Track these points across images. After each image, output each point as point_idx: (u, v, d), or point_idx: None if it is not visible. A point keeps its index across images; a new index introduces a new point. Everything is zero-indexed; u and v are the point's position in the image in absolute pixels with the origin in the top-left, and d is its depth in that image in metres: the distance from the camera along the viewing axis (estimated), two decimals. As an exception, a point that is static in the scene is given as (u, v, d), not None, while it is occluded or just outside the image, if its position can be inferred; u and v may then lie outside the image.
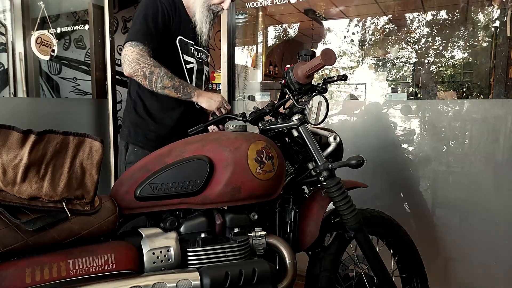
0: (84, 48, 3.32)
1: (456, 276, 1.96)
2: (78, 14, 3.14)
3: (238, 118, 1.42)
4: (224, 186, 1.08)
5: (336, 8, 3.91)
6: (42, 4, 2.65)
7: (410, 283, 1.53)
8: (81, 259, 0.91)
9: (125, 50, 1.43)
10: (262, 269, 1.06)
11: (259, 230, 1.17)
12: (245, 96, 2.90)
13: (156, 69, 1.41)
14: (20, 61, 2.76)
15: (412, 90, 3.84)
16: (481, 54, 3.13)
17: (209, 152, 1.10)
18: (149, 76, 1.41)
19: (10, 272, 0.83)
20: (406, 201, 2.10)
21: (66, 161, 0.92)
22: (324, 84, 1.32)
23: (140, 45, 1.42)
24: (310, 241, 1.28)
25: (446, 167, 1.97)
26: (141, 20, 1.46)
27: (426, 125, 2.03)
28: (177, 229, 1.09)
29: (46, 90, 3.09)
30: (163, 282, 0.93)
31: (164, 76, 1.42)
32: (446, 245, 1.98)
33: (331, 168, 1.23)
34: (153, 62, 1.42)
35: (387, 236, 1.49)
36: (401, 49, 3.84)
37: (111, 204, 1.02)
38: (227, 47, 2.44)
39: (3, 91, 2.79)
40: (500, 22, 2.47)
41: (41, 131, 0.89)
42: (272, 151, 1.16)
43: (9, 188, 0.86)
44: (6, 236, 0.84)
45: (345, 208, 1.25)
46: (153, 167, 1.09)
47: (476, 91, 3.29)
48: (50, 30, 2.65)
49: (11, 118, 2.18)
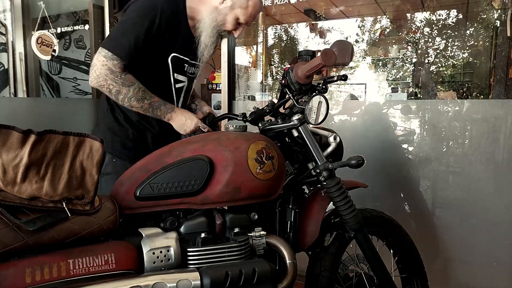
0: (84, 48, 3.31)
1: (456, 276, 1.96)
2: (78, 14, 3.13)
3: (238, 118, 1.42)
4: (224, 186, 1.08)
5: (336, 8, 3.91)
6: (42, 4, 2.65)
7: (410, 283, 1.53)
8: (81, 259, 0.91)
9: (97, 58, 1.28)
10: (262, 269, 1.06)
11: (259, 230, 1.17)
12: (245, 96, 2.90)
13: (124, 89, 1.29)
14: (20, 61, 2.76)
15: (412, 90, 3.83)
16: (481, 54, 3.13)
17: (209, 152, 1.10)
18: (116, 94, 1.31)
19: (10, 272, 0.83)
20: (406, 201, 2.10)
21: (66, 161, 0.92)
22: (324, 84, 1.32)
23: (115, 60, 1.27)
24: (310, 241, 1.28)
25: (446, 167, 1.97)
26: (129, 29, 1.29)
27: (426, 125, 2.03)
28: (177, 229, 1.09)
29: (46, 90, 3.09)
30: (163, 282, 0.93)
31: (132, 97, 1.30)
32: (446, 245, 1.98)
33: (331, 168, 1.23)
34: (123, 81, 1.29)
35: (387, 236, 1.49)
36: (401, 49, 3.84)
37: (111, 204, 1.02)
38: (227, 47, 2.44)
39: (3, 91, 2.79)
40: (500, 22, 2.47)
41: (41, 131, 0.89)
42: (272, 151, 1.16)
43: (9, 188, 0.86)
44: (6, 236, 0.84)
45: (345, 208, 1.25)
46: (153, 167, 1.09)
47: (476, 91, 3.29)
48: (50, 30, 2.65)
49: (11, 118, 2.18)
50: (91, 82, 1.31)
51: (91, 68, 1.31)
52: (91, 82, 1.31)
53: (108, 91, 1.31)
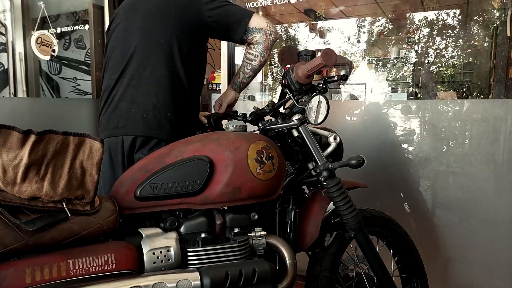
0: (84, 48, 3.32)
1: (456, 276, 1.97)
2: (78, 14, 3.14)
3: (238, 118, 1.42)
4: (224, 186, 1.08)
5: (336, 8, 3.91)
6: (42, 4, 2.65)
7: (410, 283, 1.53)
8: (81, 259, 0.91)
9: (260, 19, 1.42)
10: (262, 269, 1.06)
11: (259, 230, 1.17)
12: (245, 96, 2.90)
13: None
14: (20, 61, 2.76)
15: (412, 90, 3.84)
16: (481, 54, 3.13)
17: (209, 152, 1.10)
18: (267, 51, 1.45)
19: (10, 272, 0.83)
20: (406, 201, 2.10)
21: (66, 161, 0.92)
22: (324, 84, 1.32)
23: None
24: (310, 241, 1.28)
25: (446, 167, 1.97)
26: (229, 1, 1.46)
27: (426, 125, 2.03)
28: (177, 229, 1.09)
29: (46, 90, 3.10)
30: (163, 282, 0.93)
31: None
32: (446, 245, 1.98)
33: (331, 168, 1.23)
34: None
35: (387, 236, 1.49)
36: (401, 49, 3.84)
37: (111, 204, 1.02)
38: (227, 47, 2.44)
39: (3, 91, 2.79)
40: (500, 22, 2.47)
41: (41, 131, 0.89)
42: (272, 151, 1.16)
43: (9, 188, 0.86)
44: (6, 236, 0.84)
45: (345, 208, 1.25)
46: (153, 167, 1.09)
47: (476, 91, 3.30)
48: (50, 30, 2.66)
49: (11, 118, 2.18)
50: (273, 34, 1.42)
51: (256, 33, 1.42)
52: (273, 34, 1.42)
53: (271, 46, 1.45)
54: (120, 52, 1.41)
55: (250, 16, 1.41)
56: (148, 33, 1.37)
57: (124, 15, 1.45)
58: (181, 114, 1.39)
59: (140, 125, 1.34)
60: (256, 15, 1.42)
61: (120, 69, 1.39)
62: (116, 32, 1.45)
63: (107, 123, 1.40)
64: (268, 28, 1.41)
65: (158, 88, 1.35)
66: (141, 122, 1.34)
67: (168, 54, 1.36)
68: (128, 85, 1.37)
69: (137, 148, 1.35)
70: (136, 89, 1.36)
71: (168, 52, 1.36)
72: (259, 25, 1.41)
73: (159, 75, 1.35)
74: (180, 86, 1.39)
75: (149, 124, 1.34)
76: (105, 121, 1.41)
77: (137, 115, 1.34)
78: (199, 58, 1.47)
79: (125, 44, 1.40)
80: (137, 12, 1.42)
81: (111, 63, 1.44)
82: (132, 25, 1.41)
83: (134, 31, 1.40)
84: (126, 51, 1.39)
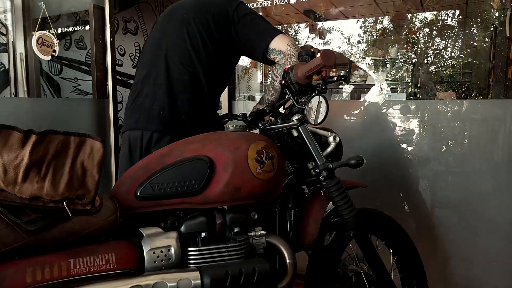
0: (85, 48, 3.32)
1: (456, 276, 1.97)
2: (79, 14, 3.14)
3: (238, 118, 1.42)
4: (225, 186, 1.09)
5: (335, 9, 3.91)
6: (43, 5, 2.66)
7: (409, 282, 1.53)
8: (82, 258, 0.91)
9: (284, 41, 1.40)
10: (262, 268, 1.06)
11: (259, 229, 1.18)
12: (245, 97, 2.91)
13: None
14: (21, 62, 2.77)
15: (411, 90, 3.84)
16: (480, 54, 3.14)
17: (209, 152, 1.11)
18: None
19: (11, 271, 0.84)
20: (406, 200, 2.10)
21: (67, 161, 0.93)
22: (324, 84, 1.32)
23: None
24: (310, 240, 1.28)
25: (446, 167, 1.97)
26: (263, 18, 1.47)
27: (425, 125, 2.03)
28: (178, 229, 1.10)
29: (47, 90, 3.10)
30: (163, 282, 0.94)
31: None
32: (446, 244, 1.98)
33: (331, 168, 1.24)
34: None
35: (387, 235, 1.49)
36: (400, 50, 3.85)
37: (112, 204, 1.02)
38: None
39: (4, 91, 2.80)
40: (499, 22, 2.47)
41: (42, 131, 0.90)
42: (272, 151, 1.17)
43: (10, 188, 0.86)
44: (7, 235, 0.84)
45: (344, 208, 1.25)
46: (154, 167, 1.09)
47: (475, 91, 3.30)
48: (51, 30, 2.66)
49: (12, 118, 2.19)
50: (291, 58, 1.38)
51: (276, 54, 1.41)
52: (291, 58, 1.38)
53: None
54: (152, 53, 1.50)
55: (273, 36, 1.40)
56: (178, 39, 1.45)
57: (163, 19, 1.56)
58: (197, 117, 1.46)
59: (157, 122, 1.41)
60: (280, 36, 1.40)
61: (149, 68, 1.48)
62: (153, 33, 1.57)
63: (130, 115, 1.49)
64: (288, 52, 1.38)
65: (178, 90, 1.43)
66: (158, 120, 1.41)
67: (193, 61, 1.43)
68: (154, 83, 1.45)
69: (153, 144, 1.42)
70: (160, 88, 1.44)
71: (195, 59, 1.43)
72: (279, 47, 1.40)
73: (182, 79, 1.43)
74: (200, 93, 1.46)
75: (164, 122, 1.41)
76: (129, 113, 1.50)
77: (156, 113, 1.42)
78: (224, 69, 1.55)
79: (157, 46, 1.50)
80: (173, 18, 1.51)
81: (143, 60, 1.54)
82: (166, 30, 1.50)
83: (167, 35, 1.49)
84: (156, 52, 1.48)
